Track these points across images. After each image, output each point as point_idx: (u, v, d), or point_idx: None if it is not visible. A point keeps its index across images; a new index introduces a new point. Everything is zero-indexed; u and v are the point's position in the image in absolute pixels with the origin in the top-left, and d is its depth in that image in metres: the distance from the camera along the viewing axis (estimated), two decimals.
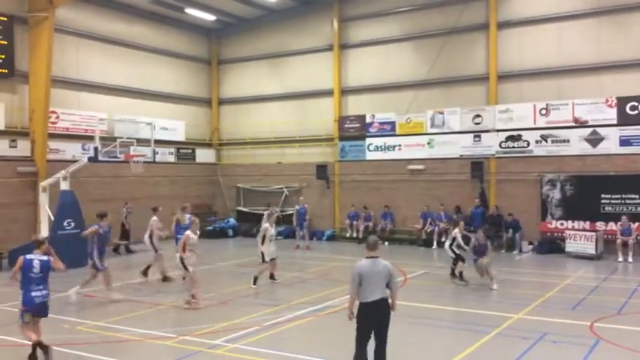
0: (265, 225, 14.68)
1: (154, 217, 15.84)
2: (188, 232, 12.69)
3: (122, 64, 24.65)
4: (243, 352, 9.23)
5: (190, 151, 27.87)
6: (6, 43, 20.01)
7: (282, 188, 26.80)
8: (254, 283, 14.42)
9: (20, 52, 20.54)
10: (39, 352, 8.46)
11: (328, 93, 26.13)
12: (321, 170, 25.69)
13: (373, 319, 7.32)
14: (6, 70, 20.12)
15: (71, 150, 22.02)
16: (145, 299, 13.25)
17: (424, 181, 23.67)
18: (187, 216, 15.20)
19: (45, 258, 8.78)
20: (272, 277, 15.01)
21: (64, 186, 18.91)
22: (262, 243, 14.57)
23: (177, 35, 27.29)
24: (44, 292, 8.67)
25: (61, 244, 16.58)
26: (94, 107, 23.18)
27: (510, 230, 21.02)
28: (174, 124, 26.79)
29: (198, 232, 12.98)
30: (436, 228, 22.32)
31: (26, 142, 20.67)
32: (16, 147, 20.37)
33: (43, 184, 19.45)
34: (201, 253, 13.57)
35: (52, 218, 18.50)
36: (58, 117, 21.90)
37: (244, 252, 20.65)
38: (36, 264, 8.63)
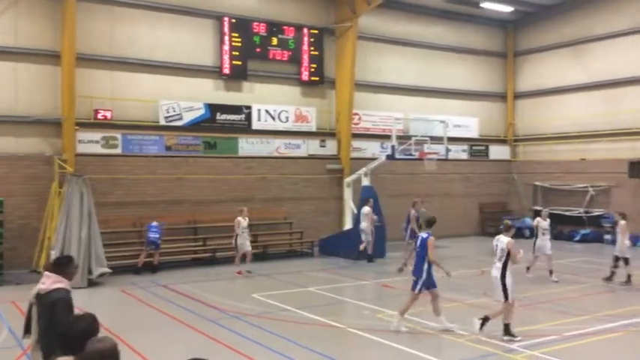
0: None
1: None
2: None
3: (417, 64, 25.32)
4: None
5: (484, 147, 27.26)
6: (317, 53, 22.33)
7: (586, 187, 24.33)
8: None
9: (328, 61, 22.67)
10: None
11: None
12: (636, 168, 22.46)
13: None
14: (317, 78, 22.43)
15: (371, 148, 23.51)
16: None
17: None
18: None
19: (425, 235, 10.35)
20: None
21: (366, 182, 20.32)
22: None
23: (471, 31, 26.89)
24: None
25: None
26: (391, 107, 24.28)
27: None
28: (467, 120, 26.53)
29: None
30: None
31: (333, 141, 22.77)
32: (325, 146, 22.60)
33: (348, 180, 21.25)
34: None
35: (355, 211, 20.00)
36: (360, 118, 23.58)
37: None
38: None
